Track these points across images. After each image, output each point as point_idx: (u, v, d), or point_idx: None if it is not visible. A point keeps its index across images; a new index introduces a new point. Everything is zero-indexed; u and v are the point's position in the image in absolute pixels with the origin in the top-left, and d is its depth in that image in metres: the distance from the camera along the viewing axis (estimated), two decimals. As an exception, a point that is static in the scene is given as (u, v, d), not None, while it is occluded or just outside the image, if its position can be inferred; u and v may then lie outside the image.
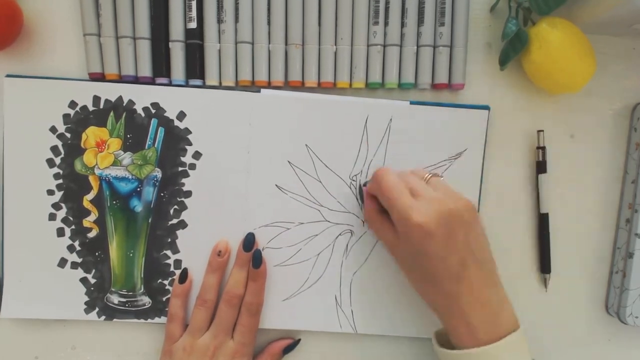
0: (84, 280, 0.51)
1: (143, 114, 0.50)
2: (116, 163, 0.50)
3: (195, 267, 0.52)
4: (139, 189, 0.51)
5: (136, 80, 0.50)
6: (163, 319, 0.52)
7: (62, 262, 0.51)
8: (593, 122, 0.53)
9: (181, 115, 0.50)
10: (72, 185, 0.50)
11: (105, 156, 0.50)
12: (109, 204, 0.51)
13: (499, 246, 0.54)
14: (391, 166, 0.51)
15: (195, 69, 0.50)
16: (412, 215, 0.42)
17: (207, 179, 0.51)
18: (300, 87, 0.51)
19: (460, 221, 0.42)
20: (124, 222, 0.51)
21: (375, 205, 0.48)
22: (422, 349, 0.55)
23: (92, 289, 0.52)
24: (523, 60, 0.50)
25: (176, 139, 0.50)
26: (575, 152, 0.53)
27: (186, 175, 0.51)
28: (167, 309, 0.52)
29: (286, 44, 0.50)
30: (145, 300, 0.52)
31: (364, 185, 0.51)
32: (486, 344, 0.41)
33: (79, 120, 0.50)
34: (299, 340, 0.54)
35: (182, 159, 0.51)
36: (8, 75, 0.49)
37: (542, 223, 0.53)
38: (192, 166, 0.51)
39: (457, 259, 0.42)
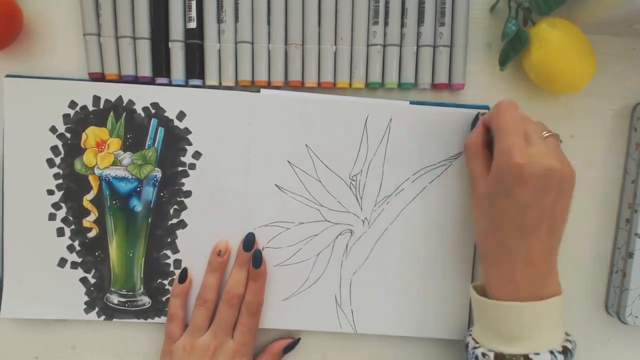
0: (83, 280, 0.51)
1: (143, 114, 0.50)
2: (116, 163, 0.50)
3: (195, 267, 0.52)
4: (138, 189, 0.51)
5: (136, 80, 0.50)
6: (163, 319, 0.52)
7: (62, 262, 0.51)
8: (593, 122, 0.53)
9: (181, 115, 0.50)
10: (72, 185, 0.50)
11: (105, 156, 0.50)
12: (108, 204, 0.51)
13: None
14: (391, 166, 0.51)
15: (195, 69, 0.50)
16: (516, 155, 0.41)
17: (207, 178, 0.51)
18: (300, 87, 0.51)
19: (558, 184, 0.42)
20: (124, 222, 0.51)
21: (483, 136, 0.47)
22: (422, 349, 0.55)
23: (92, 288, 0.52)
24: (523, 60, 0.50)
25: (176, 139, 0.50)
26: (575, 152, 0.53)
27: (186, 175, 0.51)
28: (166, 309, 0.52)
29: (286, 44, 0.50)
30: (145, 300, 0.52)
31: (482, 114, 0.50)
32: (525, 300, 0.42)
33: (79, 120, 0.50)
34: (299, 339, 0.54)
35: (182, 158, 0.51)
36: (8, 75, 0.49)
37: (542, 223, 0.53)
38: (192, 166, 0.51)
39: (537, 216, 0.42)
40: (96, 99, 0.50)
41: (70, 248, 0.51)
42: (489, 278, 0.45)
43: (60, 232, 0.51)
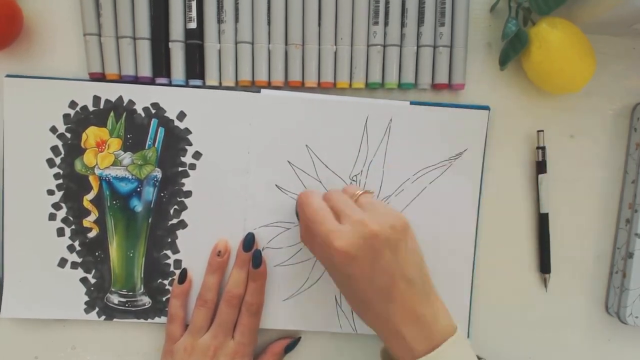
0: (84, 280, 0.51)
1: (143, 114, 0.50)
2: (116, 163, 0.50)
3: (195, 267, 0.52)
4: (139, 189, 0.51)
5: (136, 80, 0.50)
6: (163, 319, 0.52)
7: (62, 262, 0.51)
8: (593, 122, 0.53)
9: (181, 116, 0.50)
10: (72, 185, 0.50)
11: (105, 156, 0.50)
12: (109, 204, 0.51)
13: (499, 246, 0.54)
14: (391, 166, 0.51)
15: (195, 69, 0.50)
16: (333, 241, 0.40)
17: (207, 179, 0.51)
18: (300, 87, 0.51)
19: (386, 242, 0.41)
20: (124, 222, 0.51)
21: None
22: (422, 349, 0.55)
23: (92, 289, 0.52)
24: (523, 60, 0.50)
25: (176, 139, 0.50)
26: (575, 152, 0.53)
27: (186, 175, 0.51)
28: (167, 309, 0.52)
29: (286, 44, 0.50)
30: (145, 300, 0.52)
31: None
32: (423, 355, 0.41)
33: (79, 120, 0.50)
34: (299, 338, 0.54)
35: (182, 159, 0.51)
36: (8, 75, 0.49)
37: (542, 223, 0.53)
38: (192, 166, 0.51)
39: (385, 280, 0.41)
40: (96, 99, 0.50)
41: (71, 248, 0.51)
42: (384, 343, 0.44)
43: (60, 232, 0.51)
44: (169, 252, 0.51)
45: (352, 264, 0.41)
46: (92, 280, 0.51)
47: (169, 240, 0.51)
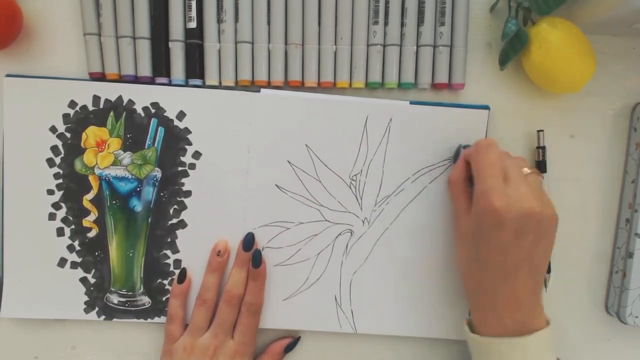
0: (83, 280, 0.51)
1: (143, 114, 0.50)
2: (116, 163, 0.50)
3: (195, 267, 0.52)
4: (138, 189, 0.51)
5: (136, 80, 0.50)
6: (163, 319, 0.52)
7: (62, 262, 0.51)
8: (593, 122, 0.53)
9: (181, 115, 0.50)
10: (72, 185, 0.50)
11: (105, 156, 0.50)
12: (108, 204, 0.51)
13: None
14: (391, 166, 0.51)
15: (195, 69, 0.50)
16: (494, 198, 0.41)
17: (207, 178, 0.51)
18: (300, 87, 0.51)
19: (537, 225, 0.42)
20: (124, 221, 0.51)
21: (465, 172, 0.47)
22: (421, 349, 0.55)
23: (92, 288, 0.52)
24: (523, 60, 0.50)
25: (176, 139, 0.50)
26: (575, 152, 0.53)
27: (186, 175, 0.51)
28: (166, 309, 0.52)
29: (286, 43, 0.50)
30: (145, 300, 0.52)
31: (464, 147, 0.50)
32: (512, 335, 0.42)
33: (79, 120, 0.50)
34: (299, 337, 0.54)
35: (182, 158, 0.51)
36: (8, 75, 0.49)
37: (542, 223, 0.53)
38: (192, 166, 0.51)
39: (516, 259, 0.42)
40: (96, 99, 0.50)
41: (70, 248, 0.51)
42: (475, 315, 0.46)
43: (60, 232, 0.51)
44: (168, 252, 0.51)
45: (499, 228, 0.41)
46: (92, 280, 0.52)
47: (169, 240, 0.51)
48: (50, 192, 0.50)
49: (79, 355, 0.54)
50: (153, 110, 0.50)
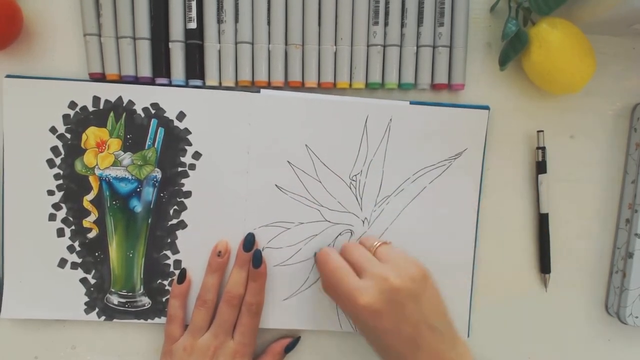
0: (83, 281, 0.51)
1: (143, 115, 0.50)
2: (116, 163, 0.50)
3: (195, 268, 0.52)
4: (138, 190, 0.51)
5: (136, 80, 0.50)
6: (163, 320, 0.52)
7: (62, 263, 0.51)
8: (593, 122, 0.53)
9: (181, 116, 0.50)
10: (72, 185, 0.50)
11: (105, 156, 0.50)
12: (108, 205, 0.51)
13: (499, 246, 0.54)
14: (391, 166, 0.51)
15: (195, 69, 0.50)
16: (357, 298, 0.42)
17: (207, 179, 0.51)
18: (300, 87, 0.51)
19: (408, 294, 0.42)
20: (124, 222, 0.51)
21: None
22: (422, 349, 0.55)
23: (92, 289, 0.52)
24: (523, 60, 0.50)
25: (176, 139, 0.50)
26: (575, 152, 0.53)
27: (186, 175, 0.51)
28: (166, 310, 0.52)
29: (286, 44, 0.50)
30: (145, 300, 0.52)
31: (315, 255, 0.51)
32: None
33: (79, 120, 0.50)
34: (299, 337, 0.54)
35: (182, 159, 0.51)
36: (8, 76, 0.49)
37: (542, 223, 0.53)
38: (192, 166, 0.51)
39: (410, 330, 0.42)
40: (96, 100, 0.50)
41: (71, 249, 0.51)
42: None
43: (60, 233, 0.51)
44: (168, 253, 0.51)
45: (378, 318, 0.42)
46: (92, 281, 0.52)
47: (169, 240, 0.51)
48: (51, 192, 0.50)
49: (79, 355, 0.54)
50: (153, 111, 0.50)
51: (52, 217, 0.51)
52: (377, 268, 0.44)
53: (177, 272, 0.52)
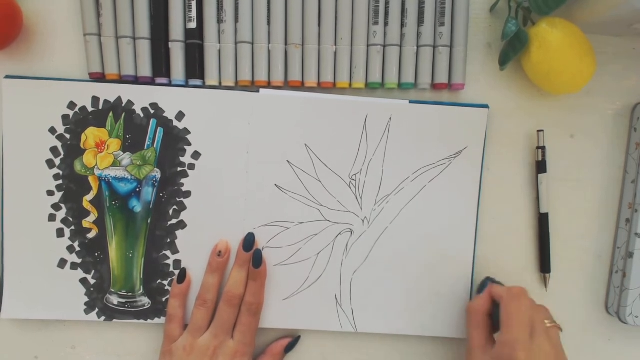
0: (83, 281, 0.51)
1: (142, 115, 0.50)
2: (116, 164, 0.50)
3: (194, 268, 0.52)
4: (138, 190, 0.51)
5: (136, 80, 0.50)
6: (163, 320, 0.52)
7: (62, 263, 0.51)
8: (593, 122, 0.53)
9: (180, 116, 0.50)
10: (72, 185, 0.50)
11: (104, 157, 0.50)
12: (108, 205, 0.51)
13: (499, 246, 0.54)
14: (391, 165, 0.51)
15: (195, 69, 0.50)
16: (519, 351, 0.42)
17: (207, 179, 0.51)
18: (300, 87, 0.51)
19: None
20: (124, 222, 0.51)
21: (487, 306, 0.48)
22: (422, 348, 0.55)
23: (92, 289, 0.52)
24: (523, 60, 0.50)
25: (175, 139, 0.50)
26: (575, 152, 0.53)
27: (185, 175, 0.51)
28: (166, 310, 0.52)
29: (286, 44, 0.50)
30: (145, 301, 0.52)
31: (491, 280, 0.52)
32: None
33: (78, 121, 0.50)
34: (299, 337, 0.54)
35: (181, 159, 0.50)
36: (7, 77, 0.49)
37: (542, 223, 0.53)
38: (191, 166, 0.51)
39: None
40: (95, 100, 0.50)
41: (70, 249, 0.51)
42: None
43: (60, 233, 0.51)
44: (168, 253, 0.51)
45: None
46: (92, 281, 0.52)
47: (168, 240, 0.51)
48: (50, 193, 0.50)
49: (79, 355, 0.54)
50: (152, 111, 0.50)
51: (51, 218, 0.51)
52: (546, 343, 0.44)
53: (176, 272, 0.52)
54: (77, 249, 0.51)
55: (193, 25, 0.49)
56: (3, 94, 0.49)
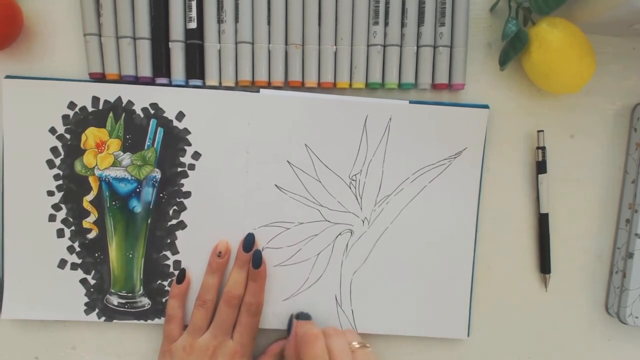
0: (83, 282, 0.51)
1: (142, 115, 0.50)
2: (116, 164, 0.50)
3: (194, 268, 0.52)
4: (138, 190, 0.51)
5: (136, 80, 0.50)
6: (163, 320, 0.52)
7: (62, 263, 0.51)
8: (593, 122, 0.53)
9: (180, 116, 0.50)
10: (72, 186, 0.50)
11: (105, 157, 0.50)
12: (108, 205, 0.51)
13: (499, 246, 0.54)
14: (391, 165, 0.51)
15: (195, 69, 0.50)
16: None
17: (206, 179, 0.51)
18: (300, 87, 0.51)
19: None
20: (124, 223, 0.51)
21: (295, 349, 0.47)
22: (422, 348, 0.55)
23: (92, 290, 0.52)
24: (523, 60, 0.50)
25: (175, 140, 0.50)
26: (575, 152, 0.53)
27: (185, 175, 0.51)
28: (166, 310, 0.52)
29: (286, 44, 0.50)
30: (145, 301, 0.52)
31: (296, 317, 0.51)
32: None
33: (78, 121, 0.50)
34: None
35: (181, 159, 0.50)
36: (7, 77, 0.49)
37: (542, 223, 0.53)
38: (192, 167, 0.51)
39: None
40: (95, 100, 0.50)
41: (70, 249, 0.51)
42: None
43: (60, 234, 0.51)
44: (168, 253, 0.51)
45: None
46: (92, 282, 0.51)
47: (168, 241, 0.51)
48: (50, 193, 0.50)
49: (79, 355, 0.54)
50: (152, 111, 0.50)
51: (52, 218, 0.50)
52: None
53: (177, 272, 0.52)
54: (77, 249, 0.51)
55: (193, 25, 0.49)
56: (3, 94, 0.49)
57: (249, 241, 0.51)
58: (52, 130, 0.50)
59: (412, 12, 0.49)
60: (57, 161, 0.50)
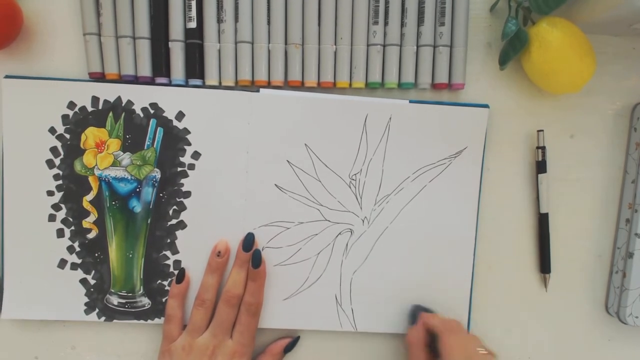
0: (83, 282, 0.51)
1: (142, 114, 0.50)
2: (115, 164, 0.50)
3: (194, 268, 0.52)
4: (138, 190, 0.51)
5: (136, 80, 0.50)
6: (163, 320, 0.52)
7: (62, 263, 0.51)
8: (593, 122, 0.53)
9: (180, 116, 0.50)
10: (72, 186, 0.50)
11: (104, 157, 0.50)
12: (108, 205, 0.51)
13: (499, 246, 0.54)
14: (391, 165, 0.51)
15: (195, 69, 0.50)
16: None
17: (206, 179, 0.51)
18: (300, 87, 0.51)
19: None
20: (123, 222, 0.51)
21: (424, 336, 0.49)
22: (422, 349, 0.55)
23: (92, 290, 0.52)
24: (523, 60, 0.50)
25: (175, 139, 0.50)
26: (575, 152, 0.53)
27: (185, 175, 0.51)
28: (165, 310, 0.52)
29: (286, 43, 0.50)
30: (145, 301, 0.52)
31: (421, 309, 0.52)
32: None
33: (78, 120, 0.50)
34: (299, 337, 0.54)
35: (181, 159, 0.50)
36: (7, 76, 0.49)
37: (542, 223, 0.53)
38: (191, 166, 0.51)
39: None
40: (95, 100, 0.50)
41: (70, 249, 0.51)
42: None
43: (60, 233, 0.51)
44: (168, 253, 0.51)
45: None
46: (92, 282, 0.51)
47: (168, 240, 0.51)
48: (50, 193, 0.50)
49: (79, 355, 0.54)
50: (152, 111, 0.50)
51: (51, 218, 0.50)
52: None
53: (176, 272, 0.52)
54: (77, 249, 0.51)
55: (193, 25, 0.49)
56: (3, 94, 0.49)
57: (248, 241, 0.51)
58: (52, 130, 0.50)
59: (412, 12, 0.49)
60: (57, 161, 0.50)
